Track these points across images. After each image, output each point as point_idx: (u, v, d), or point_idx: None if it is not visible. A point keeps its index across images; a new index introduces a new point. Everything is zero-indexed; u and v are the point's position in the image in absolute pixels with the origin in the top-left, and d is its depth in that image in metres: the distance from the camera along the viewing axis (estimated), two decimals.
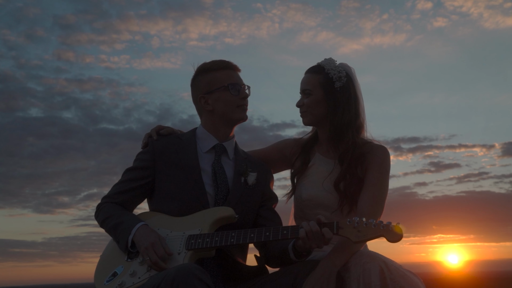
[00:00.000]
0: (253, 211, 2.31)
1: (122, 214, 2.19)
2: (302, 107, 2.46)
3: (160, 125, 2.41)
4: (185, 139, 2.34)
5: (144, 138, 2.36)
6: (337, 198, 2.33)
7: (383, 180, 2.33)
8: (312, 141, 2.57)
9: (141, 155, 2.33)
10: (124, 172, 2.34)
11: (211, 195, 2.22)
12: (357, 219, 1.89)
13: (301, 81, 2.50)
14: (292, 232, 1.96)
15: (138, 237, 2.05)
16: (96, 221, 2.28)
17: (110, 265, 2.12)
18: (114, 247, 2.18)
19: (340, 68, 2.41)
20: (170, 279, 1.69)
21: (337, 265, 2.02)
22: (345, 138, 2.36)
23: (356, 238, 1.88)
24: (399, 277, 1.97)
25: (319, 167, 2.47)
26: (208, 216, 2.13)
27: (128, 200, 2.28)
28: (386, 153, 2.39)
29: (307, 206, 2.41)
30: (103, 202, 2.28)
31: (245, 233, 2.01)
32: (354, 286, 1.97)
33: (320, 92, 2.40)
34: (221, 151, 2.32)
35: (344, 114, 2.36)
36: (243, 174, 2.29)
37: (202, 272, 1.74)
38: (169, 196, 2.22)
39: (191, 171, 2.23)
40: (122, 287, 2.00)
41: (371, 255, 2.04)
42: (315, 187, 2.41)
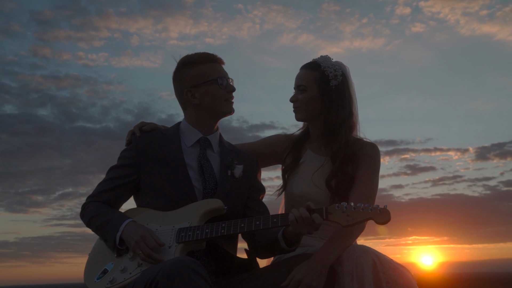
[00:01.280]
0: (241, 203, 2.30)
1: (108, 212, 2.17)
2: (295, 103, 2.46)
3: (143, 122, 2.38)
4: (169, 134, 2.32)
5: (128, 135, 2.33)
6: (328, 195, 2.34)
7: (374, 177, 2.36)
8: (303, 138, 2.58)
9: (125, 152, 2.30)
10: (108, 170, 2.31)
11: (198, 190, 2.21)
12: (345, 204, 1.92)
13: (296, 76, 2.51)
14: (282, 220, 1.97)
15: (127, 233, 2.03)
16: (82, 221, 2.25)
17: (99, 262, 2.10)
18: (102, 245, 2.16)
19: (336, 67, 2.43)
20: (166, 272, 1.67)
21: (330, 258, 2.04)
22: (338, 137, 2.37)
23: (346, 222, 1.89)
24: (391, 271, 2.00)
25: (311, 163, 2.47)
26: (196, 209, 2.12)
27: (114, 199, 2.25)
28: (376, 151, 2.42)
29: (298, 202, 2.42)
30: (88, 201, 2.25)
31: (235, 224, 2.01)
32: (347, 279, 1.99)
33: (315, 89, 2.41)
34: (206, 145, 2.30)
35: (338, 113, 2.37)
36: (230, 167, 2.28)
37: (198, 265, 1.72)
38: (156, 192, 2.21)
39: (176, 166, 2.21)
40: (113, 284, 1.98)
41: (364, 249, 2.06)
42: (306, 184, 2.42)
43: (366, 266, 1.97)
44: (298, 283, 1.94)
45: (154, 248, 1.96)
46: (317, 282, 1.95)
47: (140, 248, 1.95)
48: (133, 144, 2.27)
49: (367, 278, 1.95)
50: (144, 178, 2.23)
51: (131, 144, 2.29)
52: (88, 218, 2.19)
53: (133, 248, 1.98)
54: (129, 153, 2.27)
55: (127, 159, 2.27)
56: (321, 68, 2.41)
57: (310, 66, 2.47)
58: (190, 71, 2.27)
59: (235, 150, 2.40)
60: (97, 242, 2.23)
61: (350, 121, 2.43)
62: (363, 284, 1.95)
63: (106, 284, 1.98)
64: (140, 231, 2.01)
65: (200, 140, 2.29)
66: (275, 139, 2.65)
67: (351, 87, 2.48)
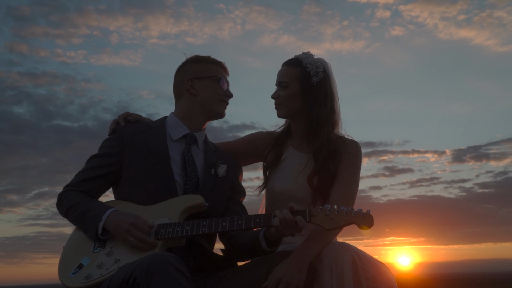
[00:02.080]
0: (222, 203, 2.29)
1: (89, 202, 2.12)
2: (277, 100, 2.45)
3: (128, 112, 2.35)
4: (154, 126, 2.29)
5: (112, 124, 2.30)
6: (309, 192, 2.34)
7: (355, 174, 2.36)
8: (285, 135, 2.57)
9: (108, 141, 2.26)
10: (88, 159, 2.26)
11: (179, 184, 2.18)
12: (329, 206, 1.91)
13: (277, 73, 2.49)
14: (265, 221, 1.96)
15: (113, 222, 1.99)
16: (58, 211, 2.19)
17: (75, 256, 2.05)
18: (78, 237, 2.11)
19: (318, 63, 2.42)
20: (144, 267, 1.64)
21: (310, 255, 2.03)
22: (320, 134, 2.36)
23: (329, 225, 1.89)
24: (371, 267, 2.00)
25: (292, 160, 2.47)
26: (177, 204, 2.08)
27: (93, 189, 2.20)
28: (358, 148, 2.42)
29: (280, 199, 2.41)
30: (66, 190, 2.19)
31: (216, 222, 1.99)
32: (326, 276, 1.99)
33: (297, 86, 2.40)
34: (191, 141, 2.28)
35: (320, 110, 2.37)
36: (213, 166, 2.27)
37: (178, 260, 1.69)
38: (136, 185, 2.17)
39: (159, 159, 2.18)
40: (89, 280, 1.93)
41: (344, 246, 2.06)
42: (288, 181, 2.41)
43: (346, 262, 1.97)
44: (278, 281, 1.93)
45: (147, 232, 1.95)
46: (297, 279, 1.94)
47: (132, 234, 1.93)
48: (117, 134, 2.23)
49: (346, 275, 1.95)
50: (126, 169, 2.19)
51: (115, 133, 2.25)
52: (66, 207, 2.13)
53: (124, 236, 1.95)
54: (113, 142, 2.23)
55: (110, 148, 2.22)
56: (303, 65, 2.40)
57: (291, 63, 2.46)
58: (197, 65, 2.33)
59: (219, 150, 2.39)
60: (72, 234, 2.17)
61: (333, 118, 2.43)
62: (343, 280, 1.95)
63: (82, 280, 1.94)
64: (128, 218, 1.98)
65: (186, 136, 2.27)
66: (256, 136, 2.63)
67: (333, 84, 2.47)
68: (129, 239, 1.94)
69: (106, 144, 2.25)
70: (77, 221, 2.12)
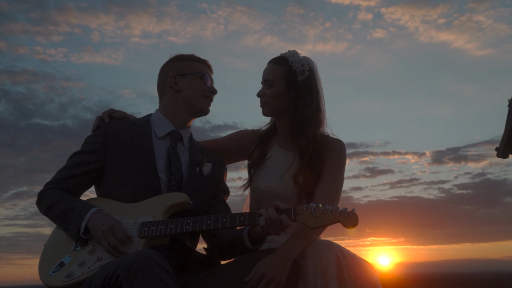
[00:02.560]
0: (206, 201, 2.27)
1: (71, 200, 2.09)
2: (262, 98, 2.45)
3: (113, 109, 2.32)
4: (139, 124, 2.27)
5: (96, 121, 2.27)
6: (294, 190, 2.34)
7: (340, 173, 2.37)
8: (270, 133, 2.57)
9: (91, 138, 2.23)
10: (71, 156, 2.22)
11: (164, 182, 2.16)
12: (314, 205, 1.91)
13: (263, 71, 2.49)
14: (250, 219, 1.95)
15: (93, 222, 1.96)
16: (38, 209, 2.15)
17: (55, 254, 2.01)
18: (59, 236, 2.07)
19: (303, 62, 2.42)
20: (127, 265, 1.61)
21: (294, 252, 2.03)
22: (306, 132, 2.36)
23: (314, 224, 1.89)
24: (354, 265, 2.01)
25: (277, 158, 2.47)
26: (161, 202, 2.06)
27: (75, 186, 2.17)
28: (343, 147, 2.43)
29: (264, 198, 2.41)
30: (47, 188, 2.15)
31: (201, 220, 1.97)
32: (311, 274, 1.99)
33: (282, 84, 2.40)
34: (177, 138, 2.26)
35: (305, 109, 2.37)
36: (198, 164, 2.25)
37: (161, 258, 1.67)
38: (120, 182, 2.14)
39: (144, 156, 2.16)
40: (71, 278, 1.90)
41: (328, 244, 2.07)
42: (273, 179, 2.41)
43: (330, 260, 1.97)
44: (261, 276, 1.93)
45: (122, 241, 1.91)
46: (280, 276, 1.94)
47: (107, 239, 1.89)
48: (102, 130, 2.20)
49: (330, 273, 1.95)
50: (109, 166, 2.16)
51: (99, 130, 2.22)
52: (47, 205, 2.09)
53: (99, 238, 1.92)
54: (96, 139, 2.20)
55: (93, 144, 2.19)
56: (289, 63, 2.40)
57: (277, 61, 2.45)
58: (181, 62, 2.32)
59: (203, 149, 2.38)
60: (53, 232, 2.13)
61: (318, 117, 2.43)
62: (327, 278, 1.95)
63: (63, 278, 1.90)
64: (108, 221, 1.95)
65: (171, 133, 2.26)
66: (241, 134, 2.63)
67: (319, 83, 2.48)
68: (103, 243, 1.90)
69: (90, 141, 2.22)
70: (58, 220, 2.08)
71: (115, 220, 1.97)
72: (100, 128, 2.22)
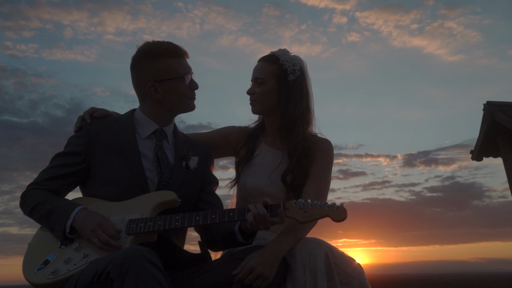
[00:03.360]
0: (193, 195, 2.25)
1: (55, 200, 2.04)
2: (252, 96, 2.45)
3: (94, 107, 2.27)
4: (122, 121, 2.22)
5: (77, 122, 2.21)
6: (282, 188, 2.35)
7: (327, 172, 2.39)
8: (258, 131, 2.57)
9: (74, 139, 2.18)
10: (53, 157, 2.17)
11: (151, 181, 2.13)
12: (303, 200, 1.92)
13: (253, 69, 2.49)
14: (239, 215, 1.94)
15: (80, 221, 1.92)
16: (22, 210, 2.10)
17: (40, 252, 1.96)
18: (44, 234, 2.03)
19: (295, 61, 2.43)
20: (118, 262, 1.58)
21: (284, 249, 2.04)
22: (295, 132, 2.37)
23: (303, 218, 1.90)
24: (343, 263, 2.03)
25: (265, 157, 2.47)
26: (149, 201, 2.04)
27: (59, 187, 2.11)
28: (330, 147, 2.45)
29: (251, 195, 2.41)
30: (30, 189, 2.10)
31: (189, 216, 1.95)
32: (299, 271, 1.99)
33: (273, 83, 2.40)
34: (162, 136, 2.24)
35: (296, 108, 2.38)
36: (184, 158, 2.23)
37: (153, 255, 1.64)
38: (106, 182, 2.10)
39: (130, 155, 2.13)
40: (56, 275, 1.85)
41: (317, 242, 2.07)
42: (260, 177, 2.41)
43: (319, 258, 1.98)
44: (250, 270, 1.92)
45: (113, 236, 1.88)
46: (269, 272, 1.94)
47: (97, 235, 1.86)
48: (84, 131, 2.16)
49: (319, 270, 1.96)
50: (94, 167, 2.12)
51: (81, 131, 2.17)
52: (32, 206, 2.04)
53: (89, 236, 1.88)
54: (79, 140, 2.15)
55: (76, 146, 2.14)
56: (280, 62, 2.41)
57: (268, 59, 2.46)
58: (155, 64, 2.14)
59: (189, 141, 2.35)
60: (38, 231, 2.09)
61: (307, 117, 2.44)
62: (316, 275, 1.96)
63: (48, 276, 1.86)
64: (95, 218, 1.91)
65: (156, 132, 2.22)
66: (230, 130, 2.62)
67: (309, 83, 2.49)
68: (93, 240, 1.87)
69: (72, 142, 2.17)
70: (42, 220, 2.03)
71: (101, 216, 1.94)
72: (82, 128, 2.17)
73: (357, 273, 2.06)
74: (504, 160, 7.70)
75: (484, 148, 7.55)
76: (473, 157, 7.74)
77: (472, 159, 7.77)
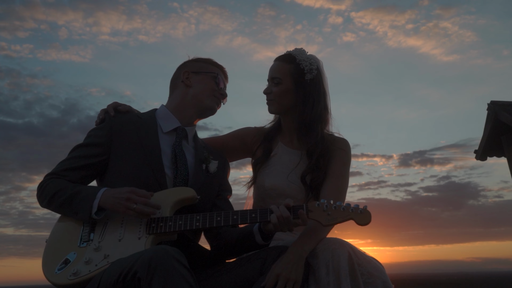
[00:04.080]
0: (211, 199, 2.24)
1: (77, 185, 2.02)
2: (269, 95, 2.44)
3: (117, 102, 2.28)
4: (145, 118, 2.24)
5: (100, 114, 2.22)
6: (300, 189, 2.33)
7: (345, 171, 2.37)
8: (274, 131, 2.56)
9: (95, 131, 2.18)
10: (73, 149, 2.16)
11: (169, 177, 2.12)
12: (325, 201, 1.90)
13: (270, 68, 2.48)
14: (261, 216, 1.92)
15: (110, 198, 1.91)
16: (39, 202, 2.06)
17: (60, 251, 1.93)
18: (62, 231, 2.00)
19: (312, 60, 2.42)
20: (146, 261, 1.56)
21: (306, 250, 2.02)
22: (313, 131, 2.36)
23: (326, 221, 1.88)
24: (366, 263, 2.01)
25: (283, 157, 2.46)
26: (168, 198, 2.02)
27: (77, 179, 2.09)
28: (348, 146, 2.44)
29: (269, 195, 2.40)
30: (48, 178, 2.07)
31: (211, 217, 1.93)
32: (323, 272, 1.98)
33: (290, 82, 2.39)
34: (182, 135, 2.24)
35: (314, 107, 2.37)
36: (205, 161, 2.24)
37: (179, 254, 1.63)
38: (124, 176, 2.08)
39: (150, 151, 2.12)
40: (77, 276, 1.83)
41: (339, 242, 2.06)
42: (278, 177, 2.39)
43: (343, 258, 1.96)
44: (277, 277, 1.90)
45: (147, 196, 1.91)
46: (295, 275, 1.92)
47: (135, 200, 1.87)
48: (107, 123, 2.16)
49: (343, 270, 1.94)
50: (114, 160, 2.11)
51: (103, 123, 2.17)
52: (51, 193, 2.00)
53: (125, 205, 1.88)
54: (101, 132, 2.15)
55: (98, 137, 2.14)
56: (296, 61, 2.41)
57: (285, 59, 2.45)
58: (198, 63, 2.36)
59: (207, 147, 2.37)
60: (55, 227, 2.05)
61: (325, 116, 2.44)
62: (339, 275, 1.94)
63: (69, 277, 1.84)
64: (124, 188, 1.92)
65: (177, 129, 2.24)
66: (245, 131, 2.61)
67: (325, 82, 2.48)
68: (132, 206, 1.87)
69: (94, 134, 2.16)
70: (64, 205, 1.99)
71: (127, 187, 1.94)
72: (105, 121, 2.17)
73: (380, 273, 2.05)
74: (508, 160, 7.70)
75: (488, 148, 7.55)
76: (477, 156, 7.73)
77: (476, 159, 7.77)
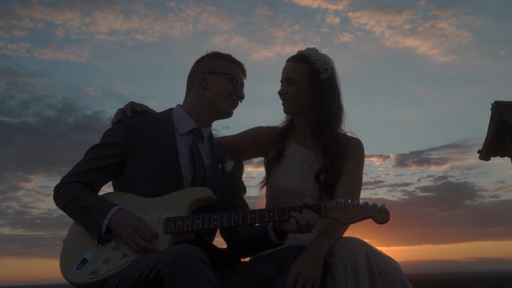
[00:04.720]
0: (227, 198, 2.25)
1: (91, 197, 2.01)
2: (285, 95, 2.43)
3: (134, 102, 2.27)
4: (162, 118, 2.23)
5: (117, 114, 2.20)
6: (314, 188, 2.33)
7: (360, 171, 2.37)
8: (287, 130, 2.56)
9: (113, 131, 2.16)
10: (89, 149, 2.15)
11: (186, 178, 2.12)
12: (343, 200, 1.90)
13: (283, 69, 2.47)
14: (279, 215, 1.92)
15: (117, 223, 1.89)
16: (55, 203, 2.06)
17: (77, 250, 1.93)
18: (79, 231, 1.99)
19: (326, 59, 2.42)
20: (170, 260, 1.56)
21: (324, 249, 2.02)
22: (330, 131, 2.36)
23: (345, 220, 1.87)
24: (383, 262, 2.00)
25: (296, 156, 2.45)
26: (184, 197, 2.01)
27: (94, 180, 2.09)
28: (362, 145, 2.44)
29: (283, 195, 2.40)
30: (65, 181, 2.06)
31: (228, 216, 1.93)
32: (341, 271, 1.97)
33: (305, 82, 2.39)
34: (198, 136, 2.24)
35: (329, 107, 2.36)
36: (221, 161, 2.24)
37: (202, 253, 1.63)
38: (141, 177, 2.07)
39: (168, 152, 2.11)
40: (96, 275, 1.83)
41: (357, 241, 2.06)
42: (292, 176, 2.39)
43: (361, 257, 1.96)
44: (296, 276, 1.90)
45: (149, 240, 1.86)
46: (315, 273, 1.93)
47: (135, 240, 1.84)
48: (124, 123, 2.14)
49: (361, 269, 1.94)
50: (130, 160, 2.10)
51: (121, 123, 2.15)
52: (66, 200, 2.00)
53: (125, 239, 1.86)
54: (118, 132, 2.13)
55: (115, 137, 2.12)
56: (311, 61, 2.40)
57: (298, 58, 2.44)
58: (216, 60, 2.30)
59: (222, 147, 2.36)
60: (72, 227, 2.05)
61: (340, 116, 2.43)
62: (357, 274, 1.94)
63: (87, 276, 1.84)
64: (133, 221, 1.88)
65: (193, 130, 2.23)
66: (258, 131, 2.60)
67: (339, 81, 2.48)
68: (131, 244, 1.85)
69: (111, 134, 2.15)
70: (77, 216, 2.00)
71: (139, 218, 1.91)
72: (122, 121, 2.15)
73: (397, 272, 2.05)
74: None
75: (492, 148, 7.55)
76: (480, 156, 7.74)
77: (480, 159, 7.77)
